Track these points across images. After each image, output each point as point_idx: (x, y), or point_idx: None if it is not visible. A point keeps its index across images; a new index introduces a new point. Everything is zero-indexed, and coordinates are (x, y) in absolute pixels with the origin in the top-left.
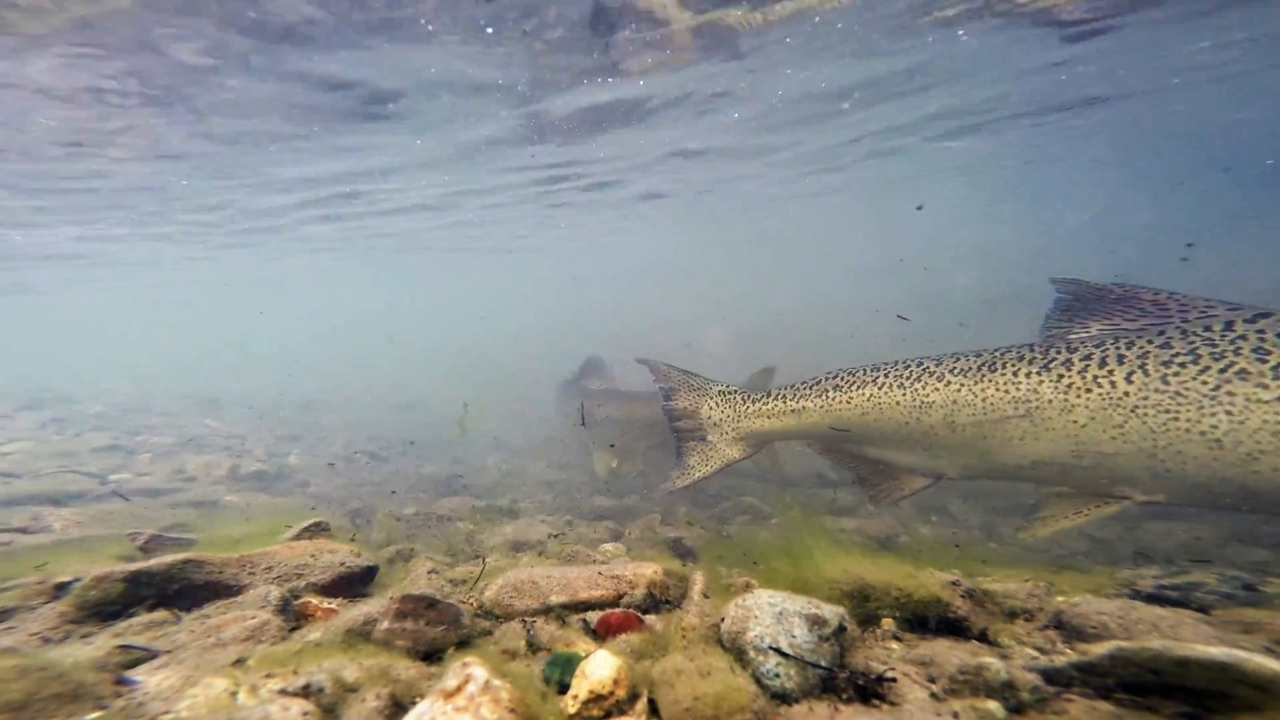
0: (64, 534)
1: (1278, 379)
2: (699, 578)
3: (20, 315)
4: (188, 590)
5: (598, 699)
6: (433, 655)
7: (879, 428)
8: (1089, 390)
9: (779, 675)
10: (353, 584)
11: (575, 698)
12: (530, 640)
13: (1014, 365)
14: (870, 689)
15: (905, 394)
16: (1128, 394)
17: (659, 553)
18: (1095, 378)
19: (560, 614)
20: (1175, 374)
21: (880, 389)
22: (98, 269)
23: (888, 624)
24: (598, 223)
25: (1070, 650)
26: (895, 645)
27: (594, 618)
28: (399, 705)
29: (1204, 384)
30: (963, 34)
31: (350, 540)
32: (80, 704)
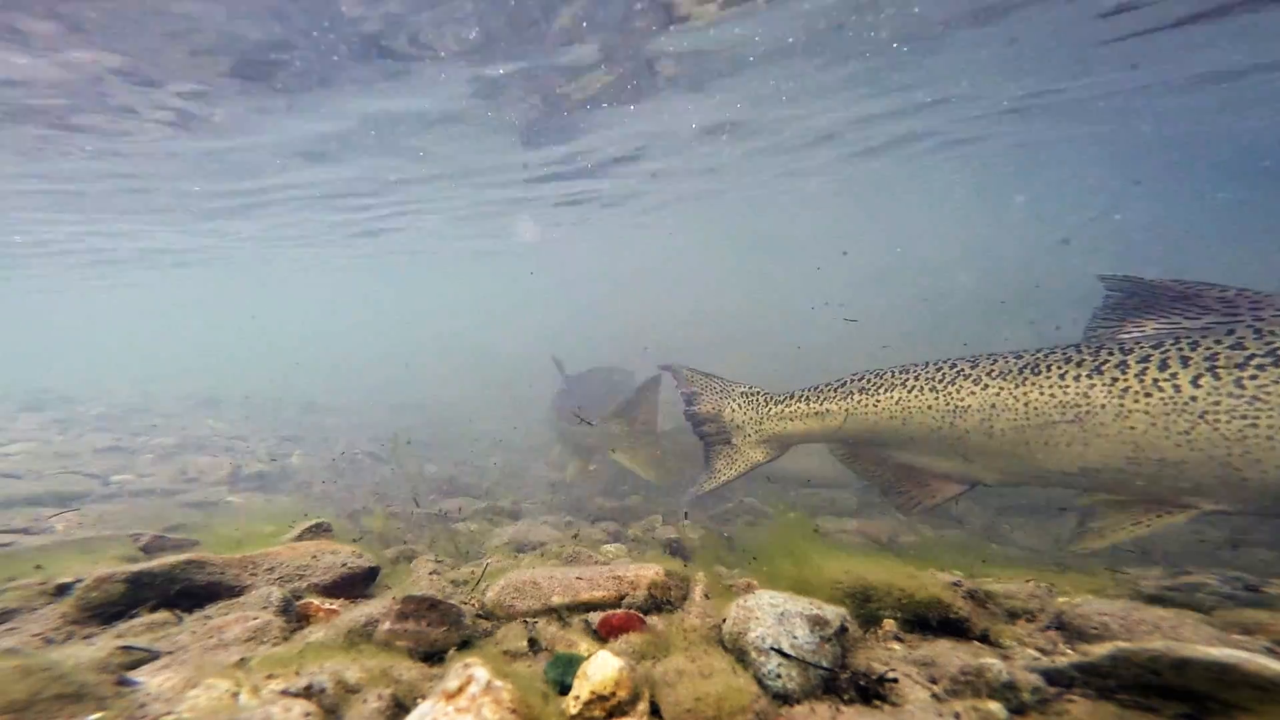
0: (66, 535)
1: None
2: (700, 578)
3: (20, 315)
4: (189, 591)
5: (599, 700)
6: (434, 656)
7: (908, 432)
8: (1148, 395)
9: (781, 676)
10: (354, 585)
11: (577, 698)
12: (532, 641)
13: (1060, 367)
14: (872, 690)
15: (938, 397)
16: (1195, 398)
17: (660, 553)
18: (1156, 381)
19: (562, 615)
20: (1252, 377)
21: (910, 392)
22: (100, 267)
23: (889, 625)
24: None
25: (1072, 651)
26: (897, 646)
27: (596, 618)
28: (401, 706)
29: None
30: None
31: (352, 541)
32: (82, 704)
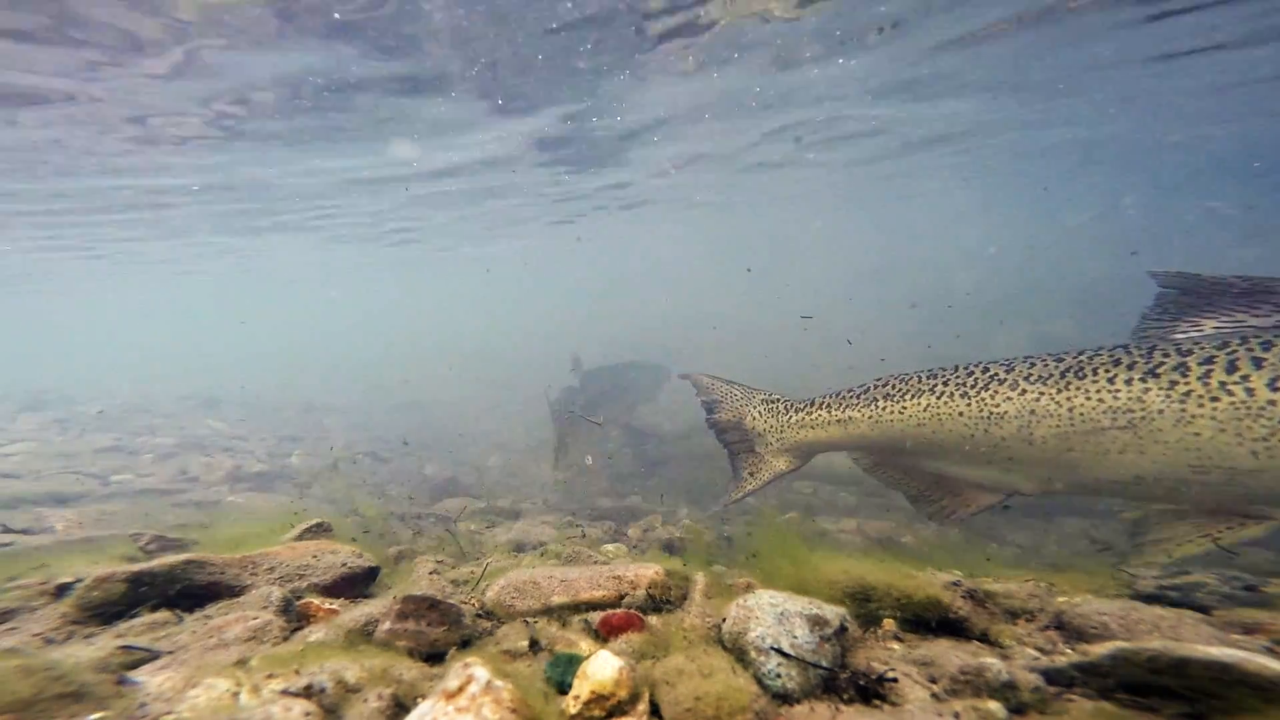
0: (66, 535)
1: None
2: (700, 578)
3: (19, 316)
4: (190, 591)
5: (599, 699)
6: (434, 656)
7: (938, 440)
8: (1215, 399)
9: (780, 675)
10: (354, 584)
11: (577, 698)
12: (532, 641)
13: (1108, 370)
14: (871, 689)
15: (970, 404)
16: (1273, 402)
17: (660, 553)
18: (1224, 384)
19: (562, 614)
20: None
21: (939, 398)
22: (102, 265)
23: (889, 624)
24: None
25: (1071, 651)
26: (896, 646)
27: (596, 618)
28: (401, 706)
29: None
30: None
31: (352, 541)
32: (83, 704)
